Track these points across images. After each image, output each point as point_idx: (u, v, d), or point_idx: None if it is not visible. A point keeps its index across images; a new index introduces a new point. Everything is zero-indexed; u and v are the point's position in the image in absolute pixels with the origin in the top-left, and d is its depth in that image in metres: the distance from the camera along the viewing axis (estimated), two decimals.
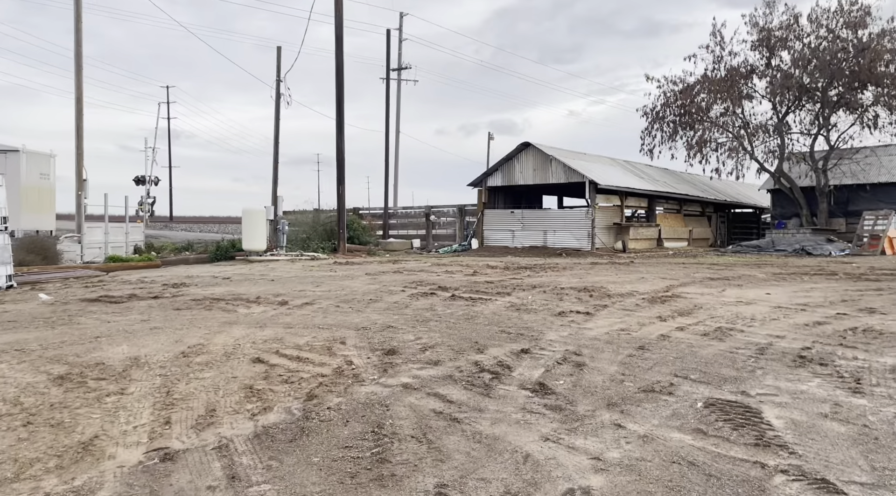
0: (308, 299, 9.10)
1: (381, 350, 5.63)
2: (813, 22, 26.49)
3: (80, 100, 21.75)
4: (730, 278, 11.54)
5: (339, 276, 12.97)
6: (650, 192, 26.49)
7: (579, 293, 9.45)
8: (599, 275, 12.95)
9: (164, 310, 8.14)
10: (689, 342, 5.93)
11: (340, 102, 23.04)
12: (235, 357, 5.39)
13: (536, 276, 12.55)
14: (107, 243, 22.01)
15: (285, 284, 11.38)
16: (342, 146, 23.20)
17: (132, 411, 3.94)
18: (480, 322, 7.10)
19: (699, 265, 15.66)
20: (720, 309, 7.83)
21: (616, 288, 10.14)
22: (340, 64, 22.96)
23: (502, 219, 26.18)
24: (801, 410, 3.95)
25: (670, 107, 30.01)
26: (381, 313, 7.76)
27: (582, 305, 8.26)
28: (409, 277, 12.48)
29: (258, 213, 20.56)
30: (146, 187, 56.08)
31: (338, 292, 9.98)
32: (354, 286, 10.90)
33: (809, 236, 23.59)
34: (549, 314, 7.60)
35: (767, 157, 28.84)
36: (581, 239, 23.78)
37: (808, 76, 26.59)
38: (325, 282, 11.74)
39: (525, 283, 10.96)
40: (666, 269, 14.17)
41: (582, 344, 5.87)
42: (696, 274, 12.78)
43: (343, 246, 23.10)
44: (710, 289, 9.80)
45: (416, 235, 28.56)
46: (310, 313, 7.80)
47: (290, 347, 5.77)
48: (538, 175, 25.05)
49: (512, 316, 7.50)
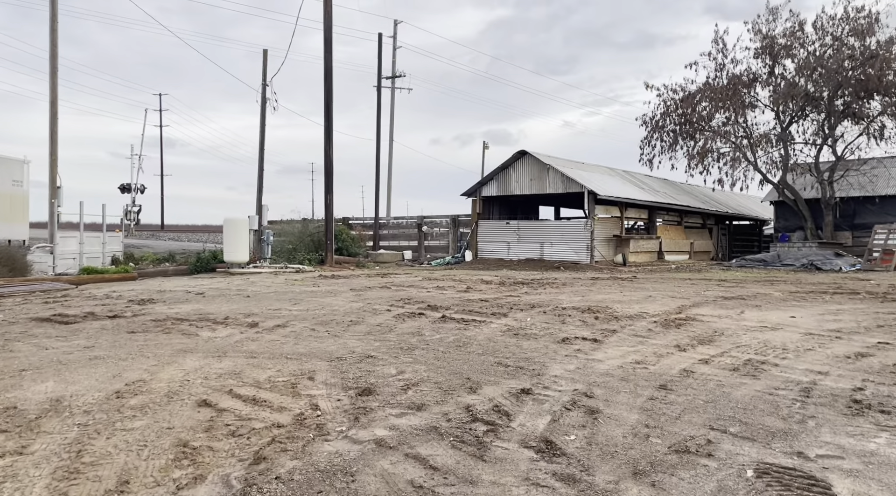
0: (282, 320, 8.23)
1: (356, 388, 4.78)
2: (818, 29, 25.94)
3: (55, 103, 20.89)
4: (745, 297, 10.75)
5: (321, 292, 12.11)
6: (651, 203, 25.77)
7: (583, 314, 8.62)
8: (602, 292, 12.14)
9: (117, 334, 7.26)
10: (719, 380, 5.10)
11: (329, 108, 22.26)
12: (179, 398, 4.53)
13: (534, 293, 11.72)
14: (81, 254, 21.09)
15: (261, 302, 10.51)
16: (330, 153, 22.40)
17: (21, 483, 3.08)
18: (473, 350, 6.25)
19: (707, 282, 14.88)
20: (744, 335, 7.01)
21: (623, 308, 9.32)
22: (329, 68, 22.20)
23: (497, 230, 25.38)
24: (880, 483, 3.13)
25: (670, 116, 29.37)
26: (361, 339, 6.91)
27: (588, 330, 7.43)
28: (397, 294, 11.64)
29: (240, 223, 19.67)
30: (132, 195, 55.22)
31: (316, 312, 9.12)
32: (336, 304, 10.04)
33: (816, 250, 22.89)
34: (551, 341, 6.77)
35: (770, 168, 28.22)
36: (579, 251, 23.00)
37: (813, 85, 26.00)
38: (304, 299, 10.88)
39: (522, 302, 10.13)
40: (673, 286, 13.37)
41: (593, 381, 5.03)
42: (706, 292, 11.98)
43: (330, 258, 22.23)
44: (727, 311, 8.99)
45: (407, 247, 27.72)
46: (280, 338, 6.93)
47: (247, 384, 4.92)
48: (535, 185, 24.29)
49: (509, 343, 6.66)
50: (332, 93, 22.25)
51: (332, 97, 22.26)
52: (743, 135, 27.96)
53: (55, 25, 20.98)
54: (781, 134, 27.49)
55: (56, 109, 21.00)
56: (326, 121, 22.34)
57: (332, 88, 22.23)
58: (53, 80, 20.85)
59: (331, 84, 22.21)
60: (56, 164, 20.91)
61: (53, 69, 20.87)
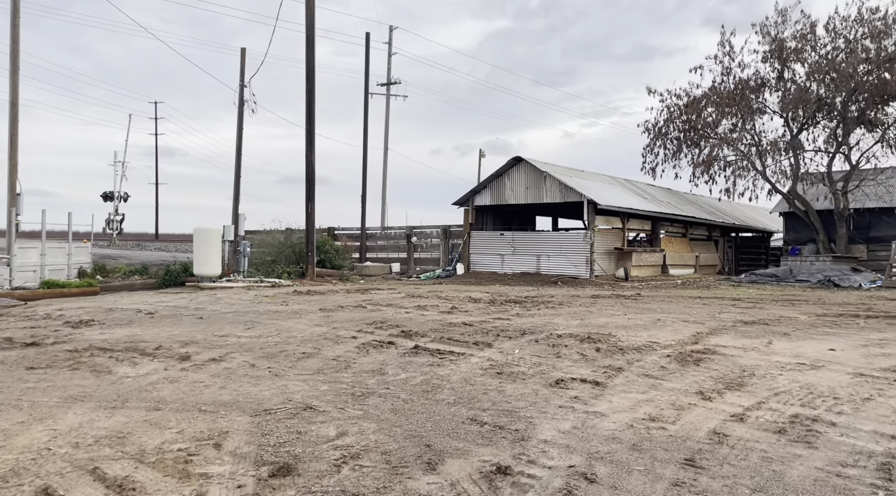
0: (222, 351, 6.99)
1: (272, 464, 3.55)
2: (830, 32, 24.91)
3: (16, 104, 19.73)
4: (768, 322, 9.52)
5: (287, 313, 10.86)
6: (654, 213, 24.59)
7: (582, 345, 7.39)
8: (604, 314, 10.92)
9: (12, 370, 6.02)
10: (762, 449, 3.87)
11: (311, 110, 21.11)
12: (18, 481, 3.29)
13: (527, 315, 10.50)
14: (43, 266, 19.80)
15: (211, 325, 9.26)
16: (312, 159, 21.21)
17: None
18: (443, 398, 5.02)
19: (720, 301, 13.66)
20: (780, 377, 5.78)
21: (628, 335, 8.10)
22: (311, 68, 21.07)
23: (491, 241, 24.16)
24: None
25: (674, 122, 28.29)
26: (308, 379, 5.67)
27: (587, 367, 6.20)
28: (371, 315, 10.40)
29: (211, 233, 18.42)
30: (114, 204, 53.98)
31: (269, 339, 7.88)
32: (297, 329, 8.80)
33: (831, 265, 21.72)
34: (542, 383, 5.54)
35: (779, 177, 27.06)
36: (578, 265, 21.78)
37: (826, 89, 24.94)
38: (262, 322, 9.63)
39: (512, 327, 8.90)
40: (683, 307, 12.15)
41: (594, 451, 3.80)
42: (721, 314, 10.75)
43: (311, 271, 20.98)
44: (751, 341, 7.76)
45: (396, 259, 26.47)
46: (206, 379, 5.69)
47: (127, 455, 3.67)
48: (531, 193, 23.09)
49: (490, 386, 5.43)
50: (314, 94, 21.11)
51: (314, 98, 21.12)
52: (751, 142, 26.85)
53: (17, 21, 19.84)
54: (792, 141, 26.39)
55: (17, 111, 19.83)
56: (308, 124, 21.18)
57: (314, 89, 21.10)
58: (14, 80, 19.70)
59: (312, 84, 21.08)
60: (16, 170, 19.69)
61: (14, 68, 19.72)
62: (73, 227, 20.70)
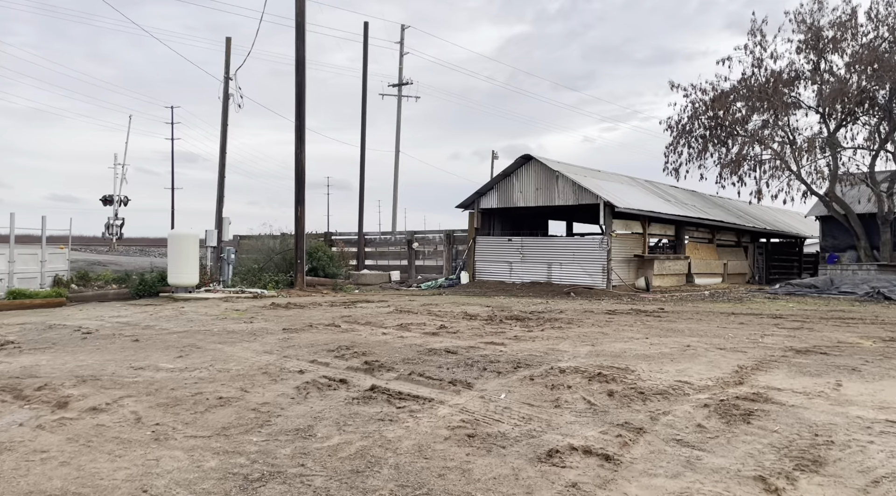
0: (117, 394, 5.46)
1: None
2: (873, 19, 23.07)
3: None
4: (826, 350, 7.81)
5: (243, 334, 9.33)
6: (678, 217, 22.79)
7: (590, 385, 5.77)
8: (621, 336, 9.27)
9: None
10: None
11: (301, 103, 19.68)
12: None
13: (527, 338, 8.87)
14: (11, 274, 18.51)
15: (140, 351, 7.75)
16: (302, 157, 19.78)
17: None
18: (377, 487, 3.43)
19: (758, 318, 11.92)
20: (871, 446, 4.11)
21: (651, 370, 6.46)
22: (301, 58, 19.65)
23: (498, 248, 22.51)
24: None
25: (699, 119, 26.50)
26: (198, 447, 4.11)
27: (595, 424, 4.58)
28: (341, 337, 8.84)
29: (187, 239, 16.97)
30: (114, 208, 53.05)
31: (194, 373, 6.34)
32: (238, 357, 7.26)
33: (877, 274, 19.85)
34: (527, 456, 3.93)
35: (815, 178, 25.15)
36: (594, 274, 20.07)
37: (868, 82, 23.05)
38: (205, 346, 8.10)
39: (505, 356, 7.29)
40: (716, 327, 10.45)
41: None
42: (765, 337, 9.04)
43: (301, 279, 19.49)
44: (812, 381, 6.08)
45: (396, 266, 24.92)
46: (57, 444, 4.15)
47: None
48: (541, 195, 21.42)
49: (451, 462, 3.83)
50: (304, 87, 19.68)
51: (305, 92, 19.70)
52: (784, 140, 25.00)
53: None
54: (829, 139, 24.51)
55: None
56: (297, 120, 19.75)
57: (304, 82, 19.67)
58: None
59: (303, 77, 19.66)
60: None
61: None
62: (51, 231, 19.48)
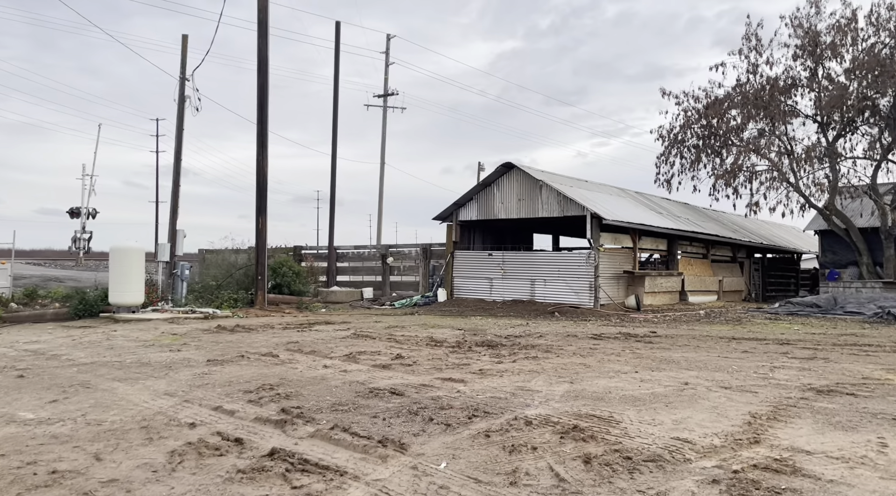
0: None
1: None
2: (874, 23, 22.16)
3: None
4: (850, 389, 6.53)
5: (158, 366, 7.95)
6: (671, 230, 21.61)
7: (562, 445, 4.46)
8: (606, 369, 7.96)
9: None
10: None
11: (263, 107, 18.40)
12: None
13: (494, 373, 7.55)
14: None
15: (18, 391, 6.37)
16: (264, 164, 18.46)
17: None
18: None
19: (763, 344, 10.65)
20: None
21: (640, 421, 5.16)
22: (264, 58, 18.41)
23: (478, 263, 21.21)
24: None
25: (691, 127, 25.50)
26: None
27: None
28: (270, 371, 7.49)
29: (131, 254, 15.52)
30: (81, 221, 51.30)
31: (52, 427, 4.98)
32: (126, 402, 5.90)
33: (883, 292, 18.73)
34: None
35: (813, 190, 24.11)
36: (581, 292, 18.80)
37: (869, 89, 22.10)
38: (97, 385, 6.73)
39: (461, 399, 5.97)
40: (716, 356, 9.16)
41: None
42: (775, 371, 7.75)
43: (261, 298, 18.09)
44: (847, 437, 4.79)
45: (370, 282, 23.55)
46: None
47: None
48: (524, 206, 20.18)
49: None
50: (266, 89, 18.41)
51: (267, 94, 18.42)
52: (782, 150, 23.97)
53: None
54: (828, 149, 23.51)
55: None
56: (259, 124, 18.47)
57: (266, 83, 18.41)
58: None
59: (265, 78, 18.40)
60: None
61: None
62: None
